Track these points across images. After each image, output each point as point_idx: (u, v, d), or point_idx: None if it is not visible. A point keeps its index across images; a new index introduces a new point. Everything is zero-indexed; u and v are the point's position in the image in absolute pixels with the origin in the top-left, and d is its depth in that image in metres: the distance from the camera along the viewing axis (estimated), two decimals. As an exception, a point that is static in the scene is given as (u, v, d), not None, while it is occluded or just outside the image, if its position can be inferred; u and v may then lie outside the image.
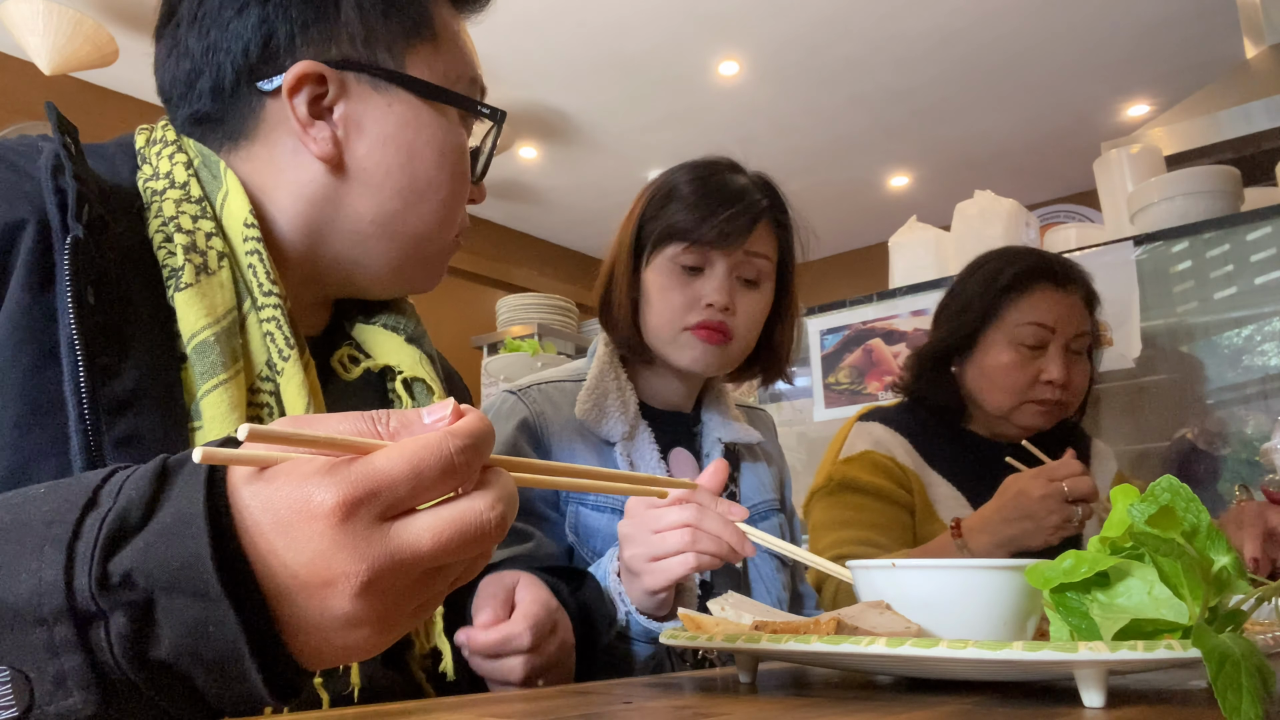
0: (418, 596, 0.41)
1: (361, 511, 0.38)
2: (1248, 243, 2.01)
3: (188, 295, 0.61)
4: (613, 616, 0.88)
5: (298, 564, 0.38)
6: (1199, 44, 3.80)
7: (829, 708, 0.52)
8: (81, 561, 0.36)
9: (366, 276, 0.75)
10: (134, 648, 0.37)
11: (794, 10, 3.56)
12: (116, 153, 0.69)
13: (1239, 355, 2.00)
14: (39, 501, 0.38)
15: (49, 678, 0.36)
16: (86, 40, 3.15)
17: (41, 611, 0.36)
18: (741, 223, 1.13)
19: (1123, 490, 0.54)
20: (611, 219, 4.31)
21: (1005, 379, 1.47)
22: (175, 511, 0.37)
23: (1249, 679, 0.42)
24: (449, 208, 0.74)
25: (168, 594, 0.37)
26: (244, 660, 0.37)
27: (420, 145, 0.71)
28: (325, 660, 0.41)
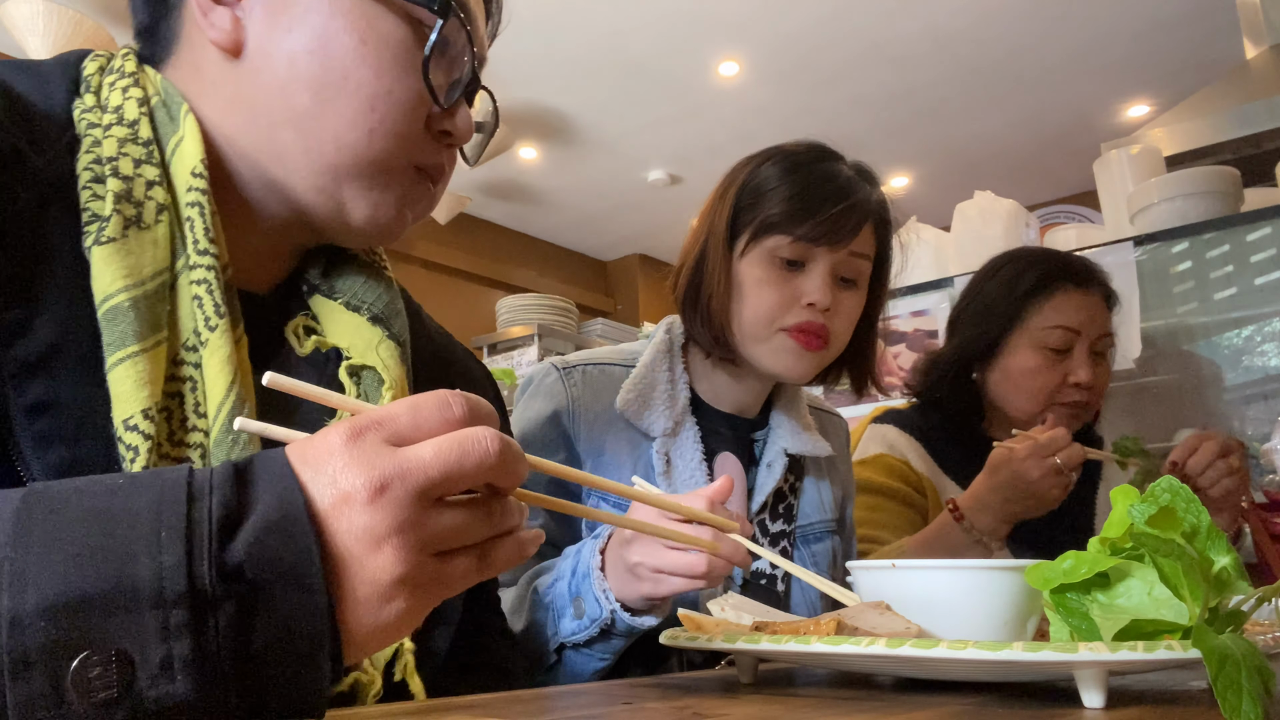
0: (435, 528, 0.42)
1: (368, 435, 0.41)
2: (1248, 243, 2.01)
3: (107, 251, 0.54)
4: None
5: (328, 487, 0.40)
6: (1199, 44, 3.80)
7: (829, 708, 0.52)
8: (200, 550, 0.37)
9: (299, 202, 0.66)
10: (236, 636, 0.37)
11: (794, 10, 3.56)
12: (54, 72, 0.61)
13: (1239, 355, 2.00)
14: (129, 491, 0.39)
15: (155, 661, 0.36)
16: (86, 40, 3.15)
17: (162, 594, 0.36)
18: (851, 220, 1.05)
19: (1123, 490, 0.54)
20: (611, 219, 4.29)
21: (1031, 383, 1.45)
22: (278, 507, 0.39)
23: (1249, 679, 0.42)
24: (377, 110, 0.62)
25: (273, 585, 0.38)
26: (322, 651, 0.39)
27: (334, 30, 0.62)
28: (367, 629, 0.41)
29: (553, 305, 4.77)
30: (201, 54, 0.64)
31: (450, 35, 0.66)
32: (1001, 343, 1.49)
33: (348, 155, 0.63)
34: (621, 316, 5.85)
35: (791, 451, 1.15)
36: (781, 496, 1.15)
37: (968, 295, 1.59)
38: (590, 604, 0.83)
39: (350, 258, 0.73)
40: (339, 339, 0.69)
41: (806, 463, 1.19)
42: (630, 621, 0.82)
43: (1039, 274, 1.48)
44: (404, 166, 0.66)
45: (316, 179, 0.64)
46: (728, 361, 1.13)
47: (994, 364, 1.51)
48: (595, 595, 0.83)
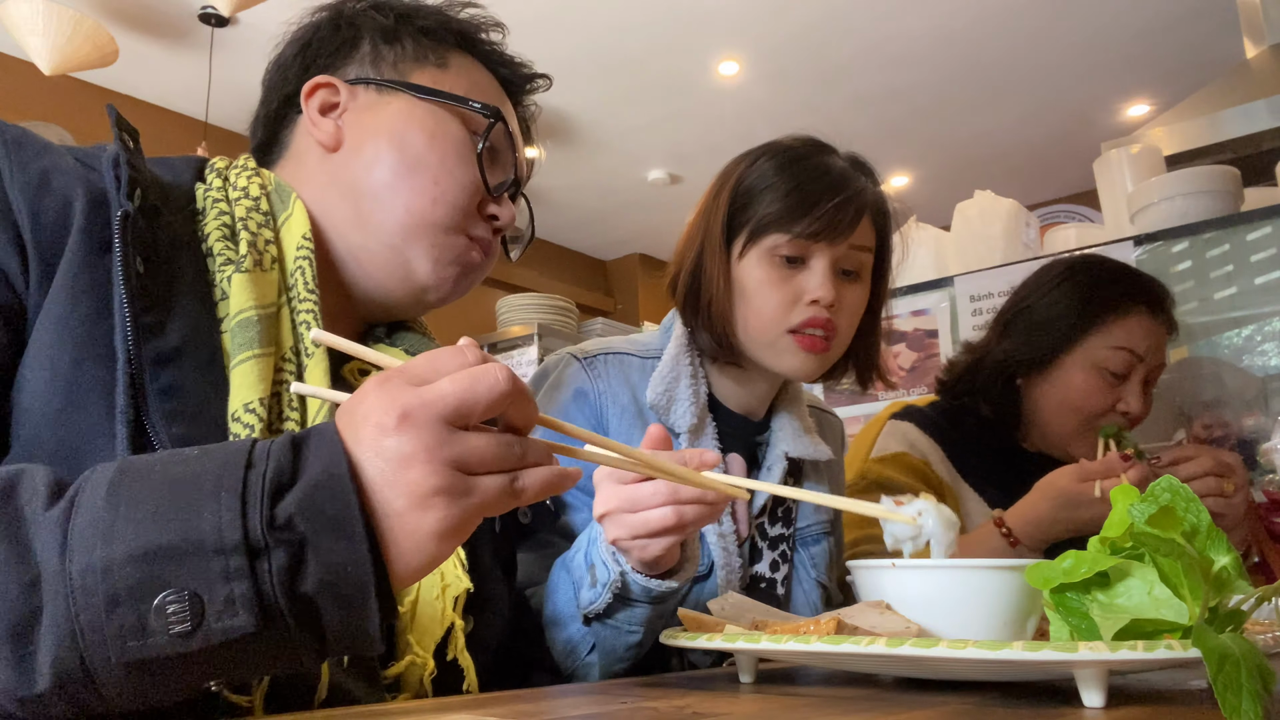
0: (460, 448, 0.49)
1: (393, 379, 0.50)
2: (1248, 243, 2.01)
3: (244, 279, 0.69)
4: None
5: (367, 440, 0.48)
6: (1199, 44, 3.80)
7: (829, 708, 0.52)
8: (253, 506, 0.45)
9: (373, 264, 0.81)
10: (289, 579, 0.45)
11: (794, 10, 3.56)
12: (183, 165, 0.78)
13: (1239, 355, 2.00)
14: (201, 460, 0.47)
15: (220, 599, 0.43)
16: (86, 40, 3.15)
17: (222, 544, 0.44)
18: (848, 213, 1.03)
19: (1123, 490, 0.54)
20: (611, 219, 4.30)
21: (1080, 403, 1.38)
22: (323, 469, 0.46)
23: (1249, 679, 0.42)
24: (440, 184, 0.79)
25: (319, 536, 0.45)
26: (370, 596, 0.46)
27: (411, 130, 0.80)
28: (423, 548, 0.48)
29: (553, 305, 4.77)
30: (305, 153, 0.83)
31: (498, 143, 0.84)
32: (1056, 356, 1.40)
33: (415, 218, 0.79)
34: (621, 316, 5.85)
35: (792, 455, 1.14)
36: (781, 500, 1.14)
37: (1027, 297, 1.48)
38: (600, 568, 0.80)
39: (405, 325, 0.90)
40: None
41: (805, 465, 1.18)
42: (645, 584, 0.78)
43: (1115, 291, 1.39)
44: (459, 231, 0.82)
45: (390, 238, 0.80)
46: (733, 365, 1.12)
47: (1044, 376, 1.42)
48: (604, 558, 0.79)
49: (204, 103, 3.89)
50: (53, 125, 3.40)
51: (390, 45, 0.84)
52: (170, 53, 3.75)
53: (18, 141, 0.66)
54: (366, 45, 0.84)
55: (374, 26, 0.84)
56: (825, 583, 1.15)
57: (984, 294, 2.31)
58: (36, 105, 3.63)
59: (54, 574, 0.43)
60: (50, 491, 0.46)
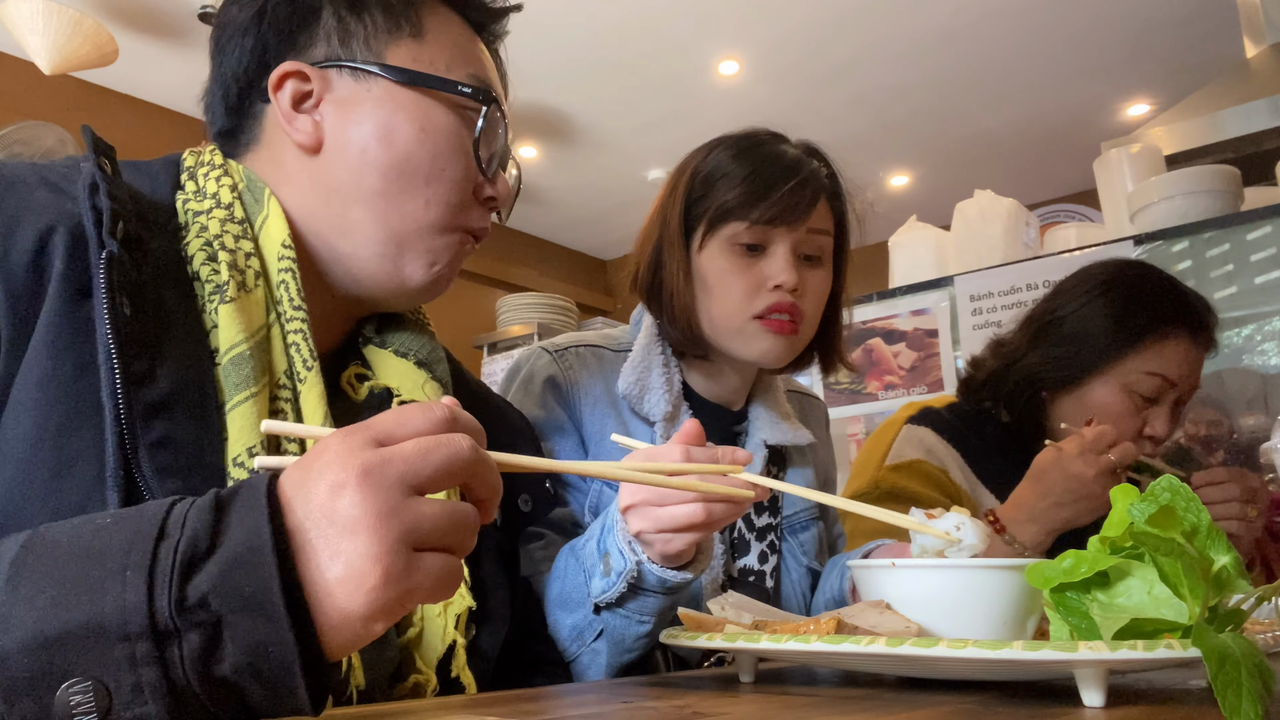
0: (413, 516, 0.45)
1: (356, 434, 0.46)
2: (1248, 242, 2.01)
3: (231, 309, 0.65)
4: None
5: (317, 499, 0.44)
6: (1199, 44, 3.80)
7: (829, 708, 0.52)
8: (161, 586, 0.41)
9: (362, 270, 0.76)
10: (203, 664, 0.41)
11: (794, 10, 3.56)
12: (160, 170, 0.73)
13: (1239, 355, 2.00)
14: (111, 530, 0.43)
15: (127, 688, 0.40)
16: (86, 40, 3.15)
17: (126, 629, 0.40)
18: (804, 196, 1.04)
19: (1123, 490, 0.54)
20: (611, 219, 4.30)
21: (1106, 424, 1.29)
22: (244, 540, 0.42)
23: (1249, 679, 0.42)
24: (434, 186, 0.74)
25: (237, 616, 0.41)
26: (295, 676, 0.42)
27: (398, 124, 0.73)
28: (350, 627, 0.44)
29: (553, 304, 4.77)
30: (282, 151, 0.76)
31: (490, 118, 0.78)
32: (1088, 375, 1.34)
33: (410, 223, 0.74)
34: (621, 315, 5.85)
35: (771, 443, 1.14)
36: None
37: (1060, 308, 1.40)
38: (616, 557, 0.79)
39: (398, 317, 0.84)
40: (389, 380, 0.79)
41: (790, 453, 1.18)
42: (661, 574, 0.78)
43: (1155, 313, 1.31)
44: (454, 229, 0.77)
45: (381, 247, 0.75)
46: (701, 358, 1.13)
47: (1071, 392, 1.37)
48: (620, 548, 0.79)
49: (204, 102, 3.89)
50: (53, 125, 3.40)
51: (357, 16, 0.75)
52: (170, 53, 3.75)
53: None
54: (329, 16, 0.75)
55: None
56: (816, 568, 1.15)
57: (984, 294, 2.31)
58: (36, 105, 3.63)
59: None
60: None
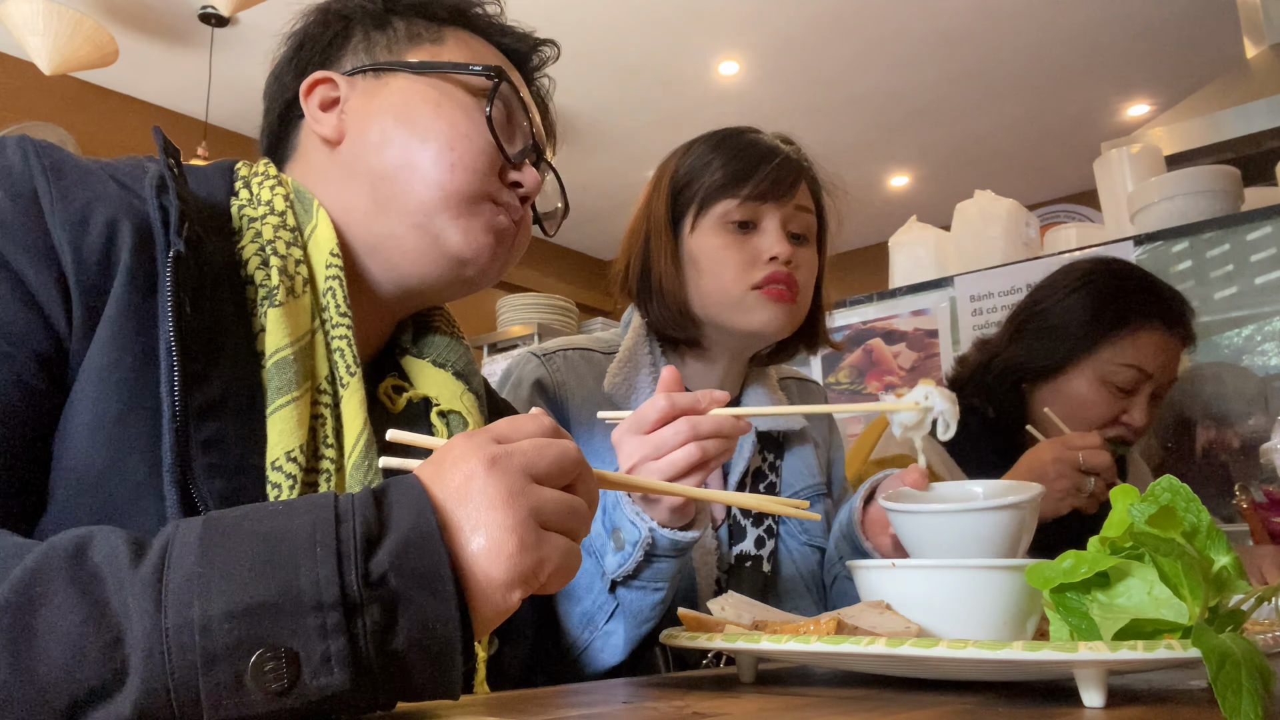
0: (538, 497, 0.51)
1: (478, 434, 0.53)
2: (1248, 243, 2.01)
3: (279, 313, 0.67)
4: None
5: (454, 484, 0.49)
6: (1199, 44, 3.80)
7: (829, 708, 0.52)
8: (348, 561, 0.44)
9: (401, 251, 0.77)
10: (382, 636, 0.44)
11: (794, 10, 3.56)
12: (215, 175, 0.76)
13: (1239, 355, 2.00)
14: (287, 515, 0.46)
15: (317, 657, 0.43)
16: (86, 40, 3.15)
17: (320, 599, 0.43)
18: (790, 174, 1.09)
19: (1123, 490, 0.54)
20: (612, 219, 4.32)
21: (1084, 415, 1.38)
22: (413, 524, 0.47)
23: (1249, 679, 0.42)
24: (456, 149, 0.75)
25: (412, 592, 0.45)
26: (455, 651, 0.46)
27: (415, 105, 0.77)
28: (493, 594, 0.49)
29: (553, 304, 4.77)
30: (311, 153, 0.80)
31: (508, 103, 0.80)
32: (1065, 366, 1.40)
33: (435, 190, 0.75)
34: (621, 316, 5.84)
35: (761, 429, 1.15)
36: (761, 476, 1.15)
37: (1038, 303, 1.46)
38: (628, 529, 0.82)
39: (433, 327, 0.87)
40: (428, 390, 0.82)
41: (786, 438, 1.19)
42: (672, 536, 0.82)
43: (1127, 306, 1.36)
44: (483, 197, 0.77)
45: (413, 218, 0.76)
46: (696, 346, 1.14)
47: (1050, 384, 1.42)
48: (630, 520, 0.82)
49: (204, 102, 3.89)
50: (53, 125, 3.40)
51: (382, 30, 0.81)
52: (170, 53, 3.75)
53: (57, 168, 0.62)
54: (358, 35, 0.81)
55: (363, 16, 0.82)
56: (821, 545, 1.15)
57: (984, 294, 2.31)
58: (36, 105, 3.63)
59: (144, 632, 0.41)
60: (132, 550, 0.44)
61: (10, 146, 0.63)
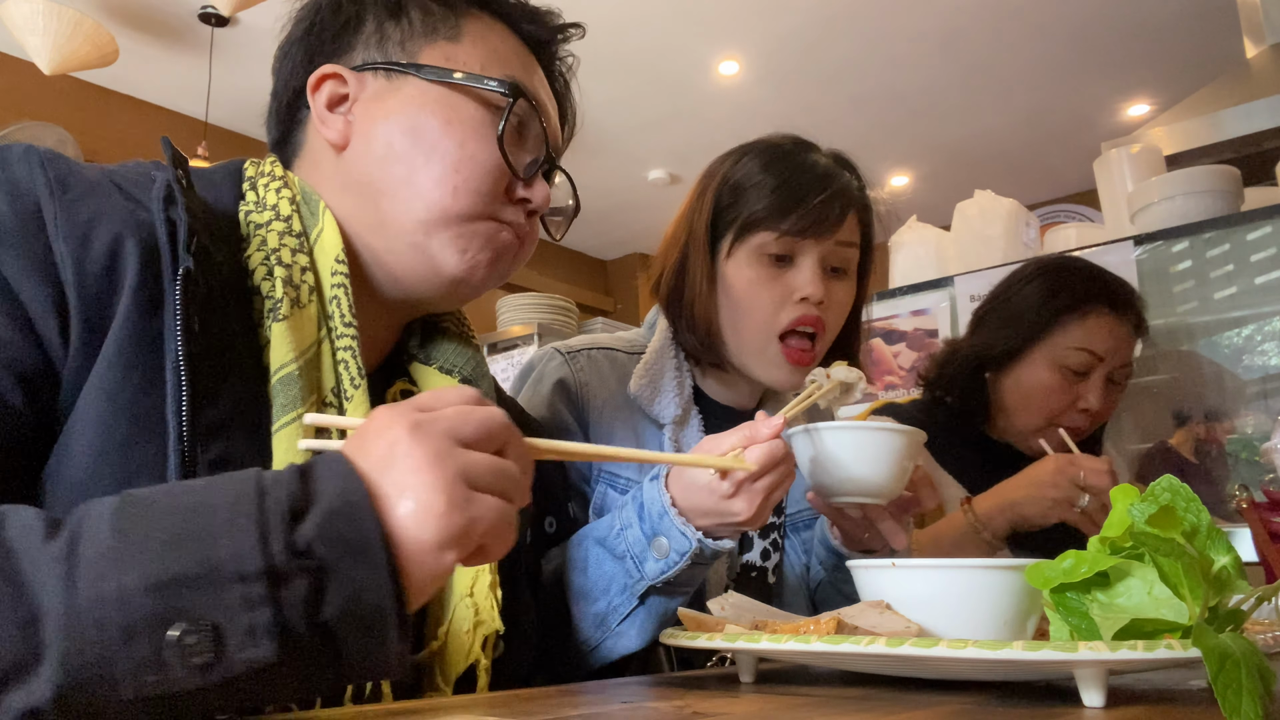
0: (463, 459, 0.50)
1: (401, 405, 0.52)
2: (1248, 243, 2.01)
3: (283, 327, 0.66)
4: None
5: (377, 453, 0.49)
6: (1199, 44, 3.80)
7: (829, 708, 0.52)
8: (274, 532, 0.43)
9: (399, 266, 0.76)
10: (310, 607, 0.43)
11: (793, 10, 3.56)
12: (223, 180, 0.74)
13: (1239, 355, 2.00)
14: (207, 490, 0.46)
15: (241, 629, 0.42)
16: (86, 40, 3.15)
17: (242, 571, 0.42)
18: (835, 209, 1.04)
19: (1123, 490, 0.54)
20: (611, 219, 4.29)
21: (1041, 400, 1.44)
22: (339, 494, 0.46)
23: (1249, 679, 0.42)
24: (461, 172, 0.73)
25: (340, 561, 0.44)
26: (389, 620, 0.46)
27: (424, 117, 0.74)
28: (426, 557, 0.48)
29: (553, 304, 4.77)
30: (319, 154, 0.78)
31: (523, 118, 0.78)
32: (1021, 352, 1.47)
33: (436, 211, 0.73)
34: (621, 316, 5.85)
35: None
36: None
37: (998, 295, 1.55)
38: (676, 539, 0.83)
39: (442, 329, 0.85)
40: None
41: None
42: (715, 546, 0.84)
43: (1077, 292, 1.44)
44: (485, 217, 0.76)
45: (410, 236, 0.74)
46: (715, 367, 1.13)
47: (1009, 371, 1.49)
48: (679, 530, 0.83)
49: (204, 103, 3.89)
50: (53, 125, 3.40)
51: (395, 21, 0.77)
52: (170, 53, 3.75)
53: (62, 180, 0.60)
54: (370, 23, 0.77)
55: (376, 2, 0.78)
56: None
57: (984, 294, 2.31)
58: (36, 105, 3.63)
59: (58, 609, 0.40)
60: (46, 526, 0.43)
61: (17, 157, 0.61)
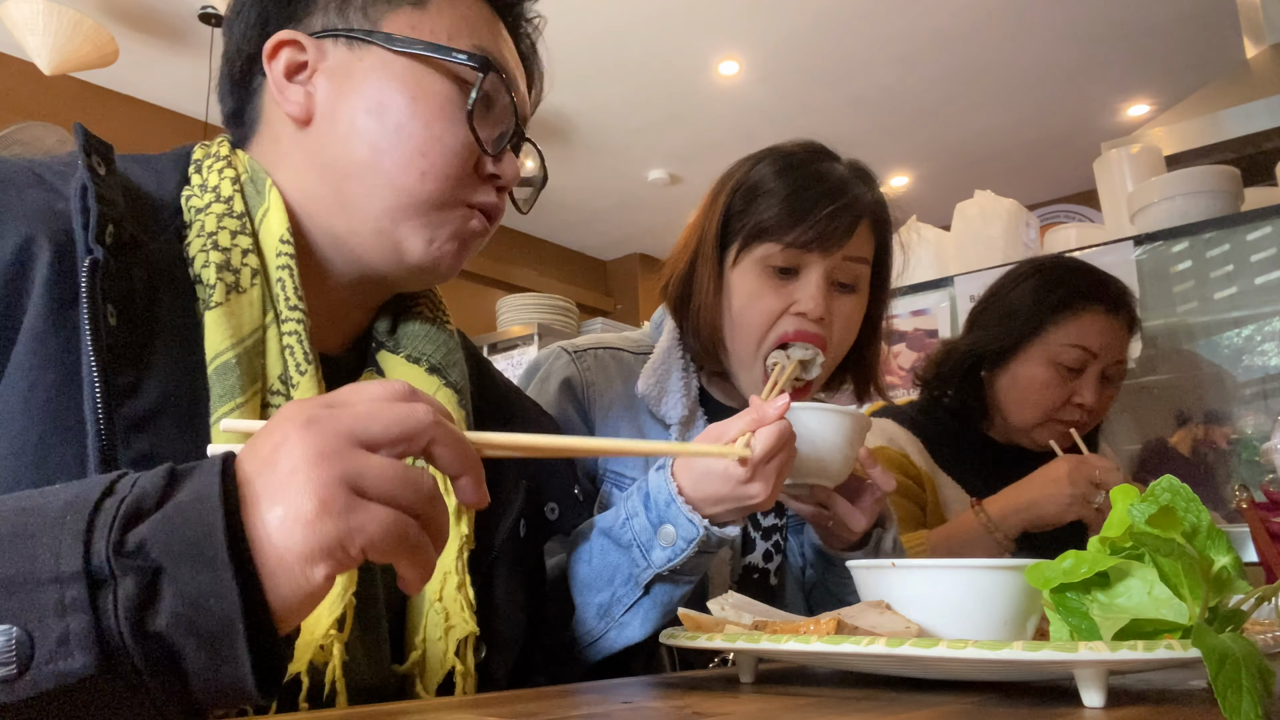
0: (355, 463, 0.44)
1: (310, 400, 0.46)
2: (1248, 243, 2.01)
3: (216, 315, 0.63)
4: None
5: (263, 452, 0.43)
6: (1199, 44, 3.80)
7: (829, 708, 0.52)
8: (100, 530, 0.39)
9: (363, 248, 0.73)
10: (137, 614, 0.38)
11: (794, 10, 3.56)
12: (169, 166, 0.71)
13: (1239, 355, 2.00)
14: (59, 492, 0.42)
15: (53, 637, 0.37)
16: (86, 40, 3.15)
17: (59, 572, 0.38)
18: (843, 222, 1.01)
19: (1123, 490, 0.54)
20: (611, 219, 4.29)
21: (1037, 396, 1.46)
22: (192, 492, 0.41)
23: (1249, 679, 0.42)
24: (428, 155, 0.70)
25: (177, 563, 0.39)
26: (236, 633, 0.40)
27: (389, 93, 0.70)
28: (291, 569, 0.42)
29: (553, 305, 4.77)
30: (279, 128, 0.74)
31: (492, 91, 0.74)
32: (1016, 349, 1.48)
33: (403, 197, 0.70)
34: (621, 316, 5.85)
35: None
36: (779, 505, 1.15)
37: (994, 294, 1.57)
38: (684, 526, 0.84)
39: (414, 313, 0.81)
40: None
41: None
42: (721, 534, 0.84)
43: (1070, 290, 1.46)
44: (455, 204, 0.73)
45: (376, 222, 0.71)
46: (718, 375, 1.13)
47: (1004, 368, 1.50)
48: (686, 518, 0.84)
49: (204, 102, 3.89)
50: (53, 125, 3.40)
51: None
52: (170, 53, 3.75)
53: None
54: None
55: None
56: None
57: (984, 294, 2.31)
58: (36, 105, 3.63)
59: None
60: None
61: None
